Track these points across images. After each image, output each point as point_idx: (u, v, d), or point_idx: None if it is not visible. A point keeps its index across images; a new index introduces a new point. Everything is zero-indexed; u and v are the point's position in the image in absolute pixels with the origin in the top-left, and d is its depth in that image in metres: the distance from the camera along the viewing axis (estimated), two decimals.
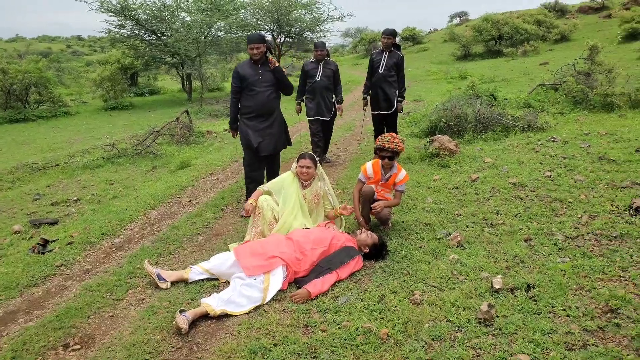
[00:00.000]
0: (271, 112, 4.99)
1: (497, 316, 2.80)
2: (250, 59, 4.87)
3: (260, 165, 5.13)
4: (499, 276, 3.18)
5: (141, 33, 18.41)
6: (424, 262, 3.61)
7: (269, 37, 22.07)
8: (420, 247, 3.88)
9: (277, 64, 4.78)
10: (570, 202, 4.35)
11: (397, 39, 6.48)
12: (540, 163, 5.49)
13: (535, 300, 2.93)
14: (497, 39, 27.03)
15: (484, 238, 3.92)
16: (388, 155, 4.17)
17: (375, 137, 6.66)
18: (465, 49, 27.44)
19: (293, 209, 4.17)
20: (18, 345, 2.91)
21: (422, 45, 37.42)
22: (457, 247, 3.81)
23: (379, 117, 6.63)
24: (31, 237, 4.86)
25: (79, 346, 2.90)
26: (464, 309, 2.92)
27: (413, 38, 39.79)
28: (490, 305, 2.79)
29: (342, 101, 6.84)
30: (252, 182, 5.00)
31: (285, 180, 4.30)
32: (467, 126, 7.37)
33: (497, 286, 3.05)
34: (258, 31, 20.86)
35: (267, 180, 5.00)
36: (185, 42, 15.91)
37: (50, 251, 4.41)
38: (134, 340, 2.88)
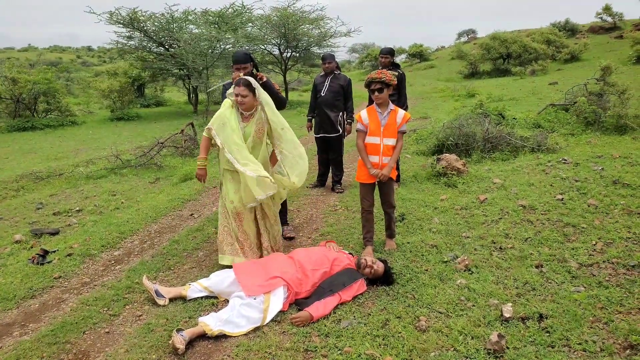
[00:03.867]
0: None
1: (508, 347, 2.66)
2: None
3: None
4: (509, 304, 3.05)
5: (149, 45, 18.56)
6: (430, 286, 3.48)
7: (275, 51, 22.19)
8: (426, 270, 3.76)
9: (264, 78, 4.59)
10: (583, 228, 4.20)
11: (404, 57, 6.28)
12: (551, 185, 5.36)
13: (548, 332, 2.79)
14: (505, 58, 27.07)
15: (492, 262, 3.79)
16: (377, 88, 3.94)
17: None
18: (473, 67, 27.43)
19: (235, 145, 3.78)
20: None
21: (429, 62, 37.48)
22: (464, 271, 3.68)
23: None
24: (31, 247, 4.81)
25: None
26: (472, 338, 2.80)
27: (420, 55, 39.84)
28: (500, 336, 2.67)
29: (352, 120, 6.15)
30: None
31: (224, 114, 3.88)
32: (475, 145, 7.28)
33: (507, 315, 2.92)
34: (263, 45, 20.97)
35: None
36: (192, 54, 15.99)
37: (49, 262, 4.35)
38: (129, 359, 2.79)
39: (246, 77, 3.86)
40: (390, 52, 6.06)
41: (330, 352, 2.77)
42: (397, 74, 4.29)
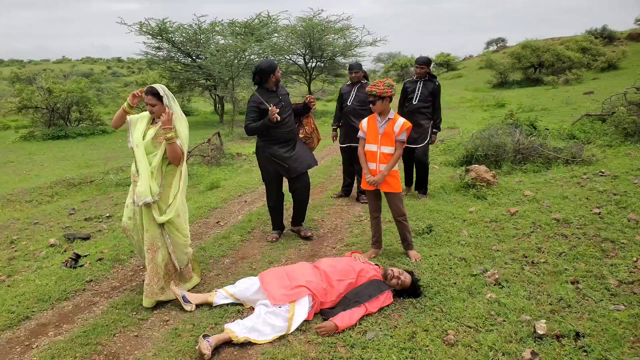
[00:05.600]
0: (294, 136, 4.86)
1: None
2: (263, 88, 4.67)
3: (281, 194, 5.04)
4: (543, 321, 2.94)
5: (177, 55, 18.92)
6: (459, 299, 3.39)
7: (300, 61, 22.29)
8: (455, 283, 3.66)
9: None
10: (623, 244, 4.01)
11: (431, 66, 6.11)
12: (587, 199, 5.18)
13: (585, 351, 2.66)
14: (536, 67, 26.46)
15: (524, 277, 3.66)
16: (370, 100, 4.04)
17: (405, 171, 6.48)
18: (502, 77, 26.95)
19: (136, 144, 3.61)
20: (47, 359, 2.93)
21: (457, 71, 37.06)
22: (494, 285, 3.57)
23: (408, 150, 6.09)
24: (65, 251, 4.96)
25: None
26: (503, 354, 2.70)
27: (447, 64, 39.48)
28: (533, 353, 2.57)
29: None
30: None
31: (135, 116, 3.75)
32: (506, 156, 7.11)
33: (540, 332, 2.81)
34: (288, 55, 21.02)
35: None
36: (219, 65, 16.21)
37: (81, 266, 4.47)
38: None
39: (154, 85, 3.69)
40: (425, 62, 5.94)
41: None
42: (394, 84, 4.24)
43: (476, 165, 6.50)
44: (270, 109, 4.46)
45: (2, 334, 3.29)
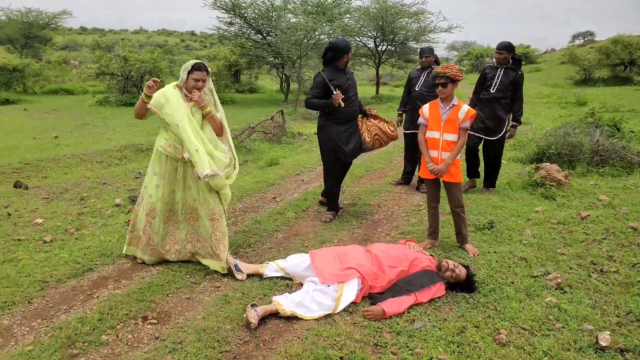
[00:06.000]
0: (357, 116, 4.94)
1: None
2: (333, 66, 4.67)
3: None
4: (607, 332, 2.73)
5: (248, 31, 19.14)
6: (515, 299, 3.22)
7: (370, 44, 21.89)
8: (512, 282, 3.49)
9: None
10: None
11: (513, 52, 5.60)
12: None
13: None
14: (627, 64, 24.43)
15: (590, 285, 3.42)
16: (441, 82, 3.85)
17: (467, 163, 6.02)
18: (586, 73, 25.09)
19: (183, 121, 3.49)
20: (105, 309, 3.10)
21: (536, 65, 35.04)
22: (556, 289, 3.36)
23: (477, 142, 5.78)
24: (128, 212, 5.19)
25: (155, 321, 3.01)
26: None
27: (526, 57, 37.35)
28: None
29: None
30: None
31: (166, 92, 3.56)
32: (581, 157, 6.65)
33: (603, 343, 2.62)
34: (358, 37, 20.62)
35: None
36: (288, 43, 16.23)
37: None
38: (205, 325, 2.90)
39: (202, 62, 3.66)
40: (505, 48, 5.42)
41: (400, 351, 2.66)
42: (464, 69, 4.00)
43: (547, 163, 6.13)
44: (335, 93, 4.45)
45: (68, 282, 3.52)
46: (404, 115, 6.32)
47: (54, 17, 27.47)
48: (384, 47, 21.82)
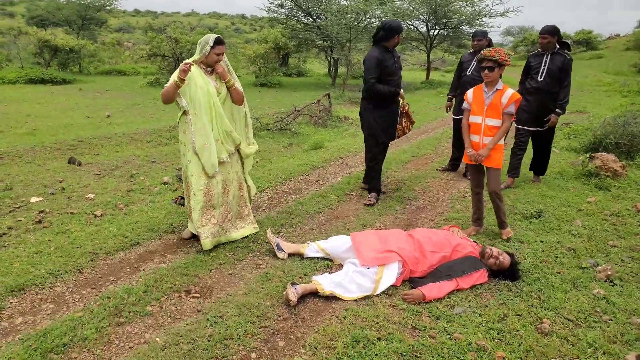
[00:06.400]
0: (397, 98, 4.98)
1: None
2: (381, 46, 4.72)
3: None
4: None
5: (298, 14, 19.09)
6: (561, 290, 3.14)
7: (422, 27, 21.32)
8: (559, 272, 3.39)
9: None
10: None
11: (557, 36, 5.18)
12: None
13: None
14: None
15: None
16: (488, 66, 3.75)
17: (511, 158, 5.55)
18: None
19: (207, 105, 3.58)
20: (150, 282, 3.23)
21: (597, 52, 33.02)
22: (605, 281, 3.25)
23: (533, 134, 5.45)
24: (175, 190, 5.36)
25: (198, 295, 3.12)
26: (604, 354, 2.47)
27: (587, 43, 35.27)
28: (639, 357, 2.32)
29: None
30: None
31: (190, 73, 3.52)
32: None
33: None
34: (410, 21, 20.19)
35: None
36: (338, 26, 16.11)
37: None
38: (246, 301, 2.99)
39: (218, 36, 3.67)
40: (549, 32, 5.08)
41: (438, 335, 2.66)
42: (512, 54, 3.82)
43: (603, 153, 5.85)
44: (401, 95, 4.86)
45: (117, 254, 3.69)
46: (453, 100, 6.18)
47: None
48: (436, 31, 21.19)
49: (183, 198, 4.82)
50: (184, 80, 3.47)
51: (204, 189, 3.68)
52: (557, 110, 5.14)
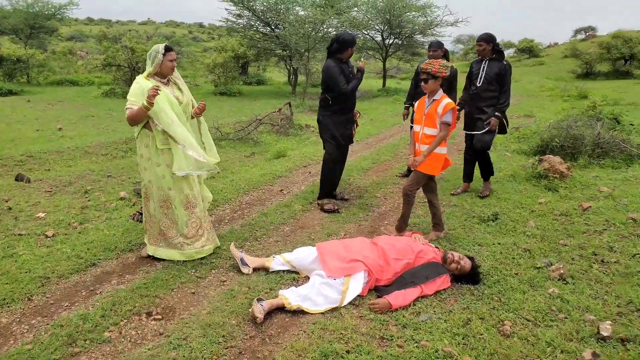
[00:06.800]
0: (354, 108, 5.13)
1: None
2: (336, 58, 4.84)
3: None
4: (608, 322, 2.79)
5: (256, 24, 19.14)
6: (519, 291, 3.28)
7: (377, 37, 21.85)
8: (516, 274, 3.55)
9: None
10: None
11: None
12: None
13: None
14: (627, 59, 24.60)
15: (592, 275, 3.48)
16: (423, 78, 3.99)
17: (465, 164, 5.74)
18: (588, 67, 25.31)
19: (171, 114, 3.55)
20: (108, 305, 3.10)
21: (539, 59, 35.14)
22: (558, 280, 3.42)
23: (471, 138, 5.52)
24: (133, 205, 5.21)
25: (160, 316, 3.03)
26: (562, 352, 2.60)
27: (530, 51, 37.48)
28: (595, 354, 2.45)
29: (457, 113, 6.04)
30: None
31: (144, 86, 3.50)
32: (583, 149, 6.68)
33: (604, 333, 2.68)
34: (366, 31, 20.69)
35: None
36: (296, 36, 16.26)
37: None
38: (211, 321, 2.93)
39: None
40: (484, 39, 5.22)
41: (406, 344, 2.72)
42: (449, 65, 4.01)
43: (550, 155, 6.16)
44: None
45: (71, 277, 3.52)
46: (410, 108, 6.33)
47: (60, 7, 27.37)
48: (391, 41, 21.81)
49: (141, 214, 4.70)
50: (153, 103, 3.40)
51: (184, 201, 3.66)
52: (496, 113, 5.20)
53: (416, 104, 4.28)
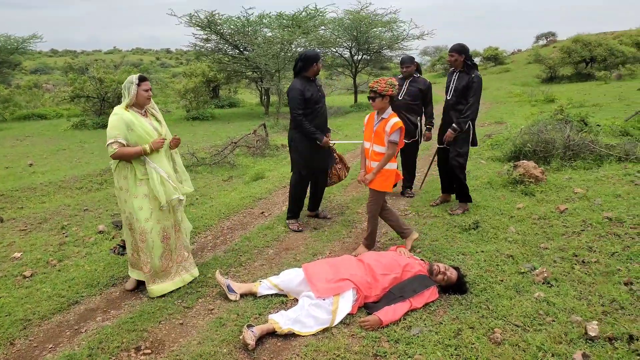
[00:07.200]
0: (325, 127, 5.09)
1: None
2: (302, 77, 4.83)
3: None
4: (594, 322, 2.85)
5: (225, 47, 19.22)
6: (506, 297, 3.33)
7: (346, 54, 22.23)
8: (502, 280, 3.60)
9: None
10: None
11: (477, 60, 5.54)
12: None
13: (639, 355, 2.57)
14: (588, 62, 25.56)
15: (574, 276, 3.55)
16: (370, 96, 4.09)
17: (440, 172, 5.75)
18: (552, 71, 26.24)
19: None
20: (94, 343, 3.02)
21: (504, 66, 36.36)
22: (543, 283, 3.49)
23: (444, 150, 5.48)
24: (113, 238, 5.10)
25: (149, 351, 2.96)
26: (553, 355, 2.64)
27: (495, 58, 38.78)
28: (585, 355, 2.50)
29: (432, 126, 6.01)
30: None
31: (125, 117, 3.55)
32: (555, 152, 6.88)
33: (592, 333, 2.73)
34: (334, 48, 21.03)
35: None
36: (265, 57, 16.38)
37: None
38: (202, 351, 2.89)
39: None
40: (455, 50, 5.09)
41: (399, 359, 2.72)
42: (396, 84, 4.10)
43: (524, 161, 6.31)
44: (323, 141, 4.87)
45: (53, 318, 3.43)
46: None
47: (23, 41, 26.95)
48: (360, 57, 22.18)
49: (123, 247, 4.62)
50: (153, 150, 3.55)
51: (161, 233, 3.64)
52: (453, 125, 5.12)
53: (366, 119, 4.35)
